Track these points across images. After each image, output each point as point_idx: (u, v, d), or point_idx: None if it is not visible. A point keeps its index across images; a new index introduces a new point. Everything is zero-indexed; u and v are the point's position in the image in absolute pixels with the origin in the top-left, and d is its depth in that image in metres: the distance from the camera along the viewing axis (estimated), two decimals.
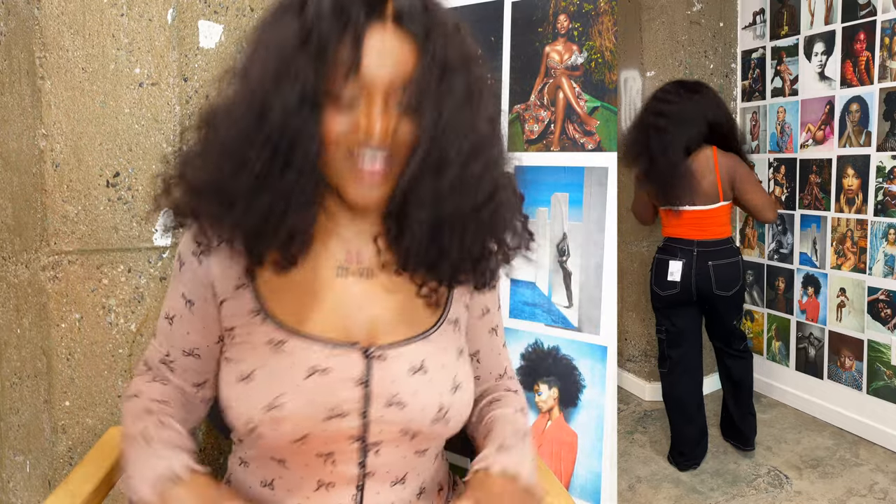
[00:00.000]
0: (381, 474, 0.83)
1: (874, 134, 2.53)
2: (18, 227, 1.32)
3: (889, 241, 2.51)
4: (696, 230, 2.35)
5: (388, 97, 0.73)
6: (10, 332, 1.36)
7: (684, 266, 2.34)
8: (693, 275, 2.33)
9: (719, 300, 2.35)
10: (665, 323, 2.45)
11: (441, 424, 0.82)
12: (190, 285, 0.85)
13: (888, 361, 2.54)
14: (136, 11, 1.26)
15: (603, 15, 1.29)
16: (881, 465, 2.43)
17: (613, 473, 1.32)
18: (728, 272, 2.34)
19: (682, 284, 2.35)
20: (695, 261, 2.34)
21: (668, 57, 3.07)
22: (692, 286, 2.34)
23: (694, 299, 2.37)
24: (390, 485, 0.84)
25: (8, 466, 1.39)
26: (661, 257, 2.42)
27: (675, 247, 2.38)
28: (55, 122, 1.24)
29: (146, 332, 1.31)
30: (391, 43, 0.73)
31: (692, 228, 2.35)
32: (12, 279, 1.34)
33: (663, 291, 2.40)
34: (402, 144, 0.76)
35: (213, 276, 0.83)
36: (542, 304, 1.38)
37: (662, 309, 2.45)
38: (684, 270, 2.34)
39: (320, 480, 0.82)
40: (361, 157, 0.74)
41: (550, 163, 1.36)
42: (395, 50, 0.73)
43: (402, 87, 0.74)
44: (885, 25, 2.46)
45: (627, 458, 2.53)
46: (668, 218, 2.41)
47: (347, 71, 0.71)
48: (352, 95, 0.73)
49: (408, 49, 0.74)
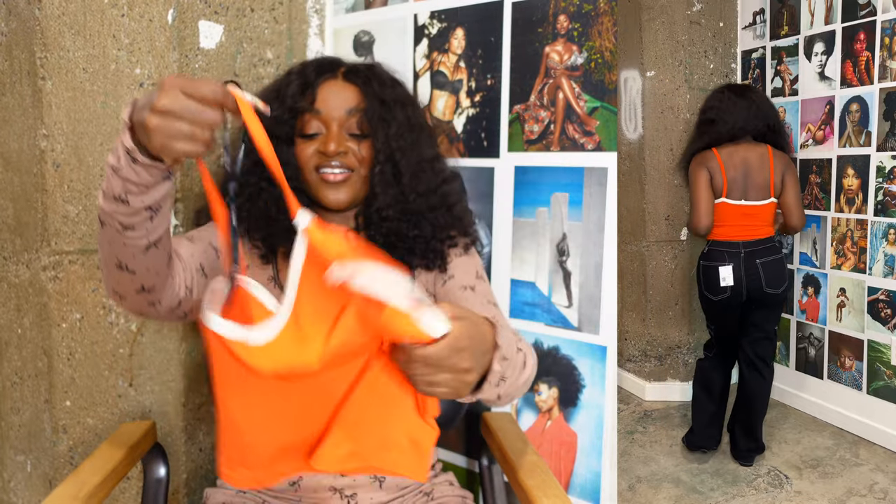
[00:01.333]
0: None
1: (874, 134, 2.53)
2: (19, 226, 1.32)
3: (889, 241, 2.51)
4: (743, 230, 2.38)
5: (340, 126, 1.03)
6: (11, 331, 1.36)
7: (734, 270, 2.36)
8: (743, 276, 2.35)
9: (770, 298, 2.38)
10: (716, 322, 2.50)
11: None
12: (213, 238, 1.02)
13: (888, 361, 2.54)
14: (136, 12, 1.26)
15: (603, 15, 1.29)
16: (881, 465, 2.43)
17: (613, 473, 1.32)
18: (776, 268, 2.37)
19: (734, 287, 2.37)
20: (743, 262, 2.36)
21: (668, 57, 3.07)
22: (743, 287, 2.36)
23: (744, 300, 2.39)
24: None
25: (9, 466, 1.40)
26: (708, 264, 2.42)
27: (721, 251, 2.39)
28: (56, 123, 1.25)
29: (146, 332, 1.31)
30: (339, 89, 1.05)
31: (740, 228, 2.38)
32: (13, 279, 1.34)
33: (716, 297, 2.41)
34: (364, 161, 1.04)
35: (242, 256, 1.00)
36: (542, 304, 1.38)
37: (715, 313, 2.48)
38: (735, 274, 2.36)
39: None
40: (324, 167, 1.02)
41: (550, 163, 1.36)
42: (343, 93, 1.05)
43: (353, 119, 1.03)
44: (885, 25, 2.46)
45: (627, 458, 2.53)
46: (719, 216, 2.41)
47: (306, 111, 1.03)
48: (316, 129, 1.03)
49: (353, 93, 1.05)
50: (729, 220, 2.40)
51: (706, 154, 2.42)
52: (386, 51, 1.54)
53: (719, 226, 2.42)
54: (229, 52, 1.35)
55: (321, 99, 1.04)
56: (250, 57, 1.38)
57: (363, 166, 1.04)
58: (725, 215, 2.40)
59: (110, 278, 0.85)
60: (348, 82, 1.06)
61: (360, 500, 1.02)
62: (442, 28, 1.47)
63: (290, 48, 1.45)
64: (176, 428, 1.33)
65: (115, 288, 0.86)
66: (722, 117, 2.42)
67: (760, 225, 2.39)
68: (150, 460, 1.18)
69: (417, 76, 1.51)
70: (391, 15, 1.53)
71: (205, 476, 1.38)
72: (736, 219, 2.39)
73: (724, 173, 2.37)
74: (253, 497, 1.04)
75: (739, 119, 2.39)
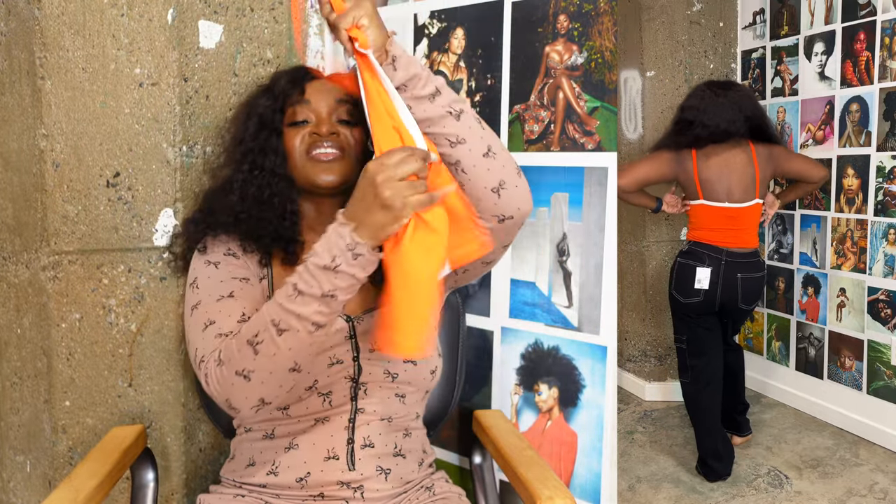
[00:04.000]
0: (368, 412, 1.05)
1: (874, 134, 2.53)
2: (19, 226, 1.32)
3: (889, 241, 2.51)
4: (727, 234, 2.28)
5: (330, 113, 1.09)
6: (11, 331, 1.36)
7: (712, 275, 2.24)
8: (720, 286, 2.25)
9: (740, 313, 2.34)
10: (685, 332, 2.36)
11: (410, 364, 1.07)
12: (237, 271, 1.05)
13: (888, 361, 2.54)
14: (136, 11, 1.26)
15: (603, 15, 1.29)
16: (881, 465, 2.43)
17: (613, 473, 1.32)
18: (754, 286, 2.30)
19: (707, 294, 2.25)
20: (722, 270, 2.25)
21: (668, 57, 3.07)
22: (717, 298, 2.26)
23: (715, 310, 2.30)
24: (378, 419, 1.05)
25: (8, 466, 1.39)
26: (685, 262, 2.31)
27: (702, 252, 2.28)
28: (55, 122, 1.24)
29: (146, 332, 1.31)
30: (327, 86, 1.11)
31: (724, 233, 2.29)
32: (12, 279, 1.34)
33: (685, 299, 2.30)
34: (353, 146, 1.08)
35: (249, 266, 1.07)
36: (542, 304, 1.38)
37: (682, 317, 2.35)
38: (712, 279, 2.24)
39: (317, 418, 1.03)
40: (316, 148, 1.06)
41: (550, 163, 1.36)
42: (331, 88, 1.11)
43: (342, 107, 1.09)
44: (885, 25, 2.46)
45: (627, 458, 2.53)
46: (700, 218, 2.33)
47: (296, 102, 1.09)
48: (304, 118, 1.08)
49: (340, 88, 1.11)
50: (711, 224, 2.31)
51: (682, 154, 2.32)
52: None
53: (700, 228, 2.34)
54: (229, 52, 1.35)
55: (310, 92, 1.09)
56: (250, 57, 1.38)
57: (353, 150, 1.08)
58: (706, 218, 2.31)
59: (275, 385, 0.92)
60: (335, 82, 1.13)
61: (366, 490, 1.02)
62: (442, 28, 1.47)
63: (290, 48, 1.45)
64: (175, 428, 1.33)
65: (276, 394, 0.94)
66: (701, 119, 2.29)
67: (745, 229, 2.30)
68: (138, 467, 1.17)
69: None
70: (391, 15, 1.53)
71: (204, 476, 1.38)
72: (719, 222, 2.30)
73: (697, 175, 2.29)
74: (254, 500, 1.04)
75: (722, 122, 2.26)
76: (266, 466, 1.04)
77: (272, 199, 1.06)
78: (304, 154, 1.06)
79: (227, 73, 1.35)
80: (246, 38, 1.37)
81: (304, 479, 1.02)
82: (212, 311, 0.99)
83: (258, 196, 1.06)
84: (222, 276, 1.03)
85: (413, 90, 0.96)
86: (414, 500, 1.07)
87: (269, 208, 1.06)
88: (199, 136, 1.32)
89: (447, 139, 0.97)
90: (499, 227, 1.02)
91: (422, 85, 0.97)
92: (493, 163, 0.99)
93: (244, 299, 1.01)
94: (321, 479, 1.01)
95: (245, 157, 1.08)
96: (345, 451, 1.02)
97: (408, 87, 0.96)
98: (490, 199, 0.99)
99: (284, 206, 1.07)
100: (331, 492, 1.01)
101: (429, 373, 1.10)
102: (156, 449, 1.29)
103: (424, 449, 1.14)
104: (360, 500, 1.02)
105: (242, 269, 1.06)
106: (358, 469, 1.02)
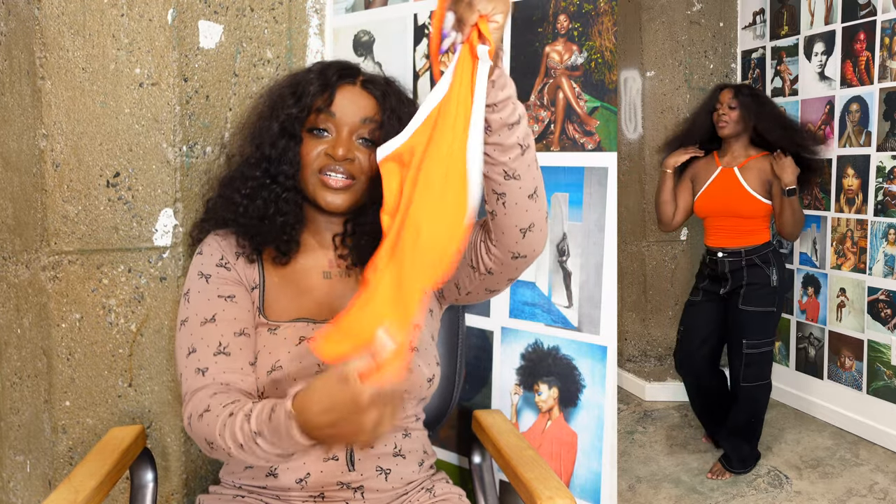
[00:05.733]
0: None
1: (874, 134, 2.53)
2: (19, 227, 1.32)
3: (889, 241, 2.51)
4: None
5: (352, 133, 1.05)
6: (11, 331, 1.36)
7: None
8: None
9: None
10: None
11: None
12: (224, 287, 1.05)
13: (888, 361, 2.54)
14: (136, 12, 1.26)
15: (603, 15, 1.29)
16: (881, 465, 2.43)
17: (613, 473, 1.32)
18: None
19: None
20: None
21: (668, 57, 3.07)
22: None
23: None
24: None
25: (8, 466, 1.40)
26: None
27: None
28: (55, 122, 1.24)
29: (146, 331, 1.31)
30: (357, 96, 1.07)
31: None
32: (12, 279, 1.34)
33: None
34: (367, 171, 1.05)
35: (241, 277, 1.07)
36: (542, 304, 1.38)
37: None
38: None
39: None
40: (328, 171, 1.04)
41: (550, 163, 1.36)
42: (360, 101, 1.06)
43: (366, 127, 1.06)
44: (885, 25, 2.46)
45: (627, 458, 2.53)
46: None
47: (321, 111, 1.04)
48: (325, 128, 1.05)
49: (369, 102, 1.07)
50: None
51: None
52: (386, 51, 1.54)
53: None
54: (229, 52, 1.35)
55: (338, 102, 1.05)
56: (250, 57, 1.38)
57: (365, 175, 1.06)
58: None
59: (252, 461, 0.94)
60: (366, 91, 1.08)
61: (366, 491, 1.02)
62: None
63: (289, 48, 1.45)
64: (175, 429, 1.33)
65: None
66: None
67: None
68: (138, 467, 1.17)
69: (417, 76, 1.50)
70: (391, 15, 1.53)
71: (204, 477, 1.38)
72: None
73: None
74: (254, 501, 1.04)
75: None
76: (265, 468, 1.04)
77: (279, 208, 1.06)
78: (315, 172, 1.05)
79: (227, 73, 1.35)
80: (246, 38, 1.37)
81: (304, 480, 1.01)
82: (195, 335, 1.01)
83: (265, 205, 1.07)
84: (210, 293, 1.04)
85: (501, 112, 0.90)
86: (415, 501, 1.07)
87: (275, 217, 1.07)
88: (199, 136, 1.32)
89: (504, 170, 0.93)
90: (510, 262, 1.01)
91: (510, 111, 0.91)
92: (533, 205, 0.97)
93: (225, 323, 1.02)
94: (321, 480, 1.01)
95: (260, 163, 1.07)
96: (344, 452, 1.02)
97: (497, 107, 0.90)
98: (515, 238, 0.98)
99: (288, 216, 1.07)
100: (331, 492, 1.01)
101: (426, 381, 1.09)
102: (155, 449, 1.30)
103: (425, 450, 1.14)
104: (360, 500, 1.02)
105: (230, 285, 1.05)
106: (358, 469, 1.02)
